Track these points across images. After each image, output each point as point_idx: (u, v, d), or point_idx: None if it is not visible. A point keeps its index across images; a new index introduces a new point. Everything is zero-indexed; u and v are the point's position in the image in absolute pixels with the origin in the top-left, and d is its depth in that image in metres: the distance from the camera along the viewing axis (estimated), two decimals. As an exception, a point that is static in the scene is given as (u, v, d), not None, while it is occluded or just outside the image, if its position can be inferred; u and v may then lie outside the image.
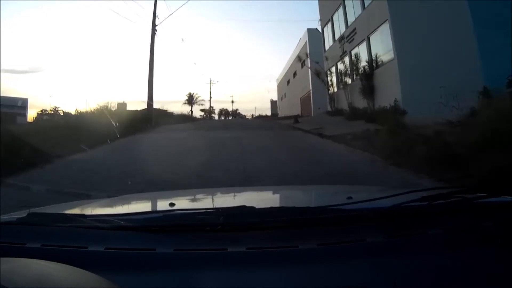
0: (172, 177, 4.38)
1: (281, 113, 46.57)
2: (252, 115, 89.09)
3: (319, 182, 4.11)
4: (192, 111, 65.61)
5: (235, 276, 0.70)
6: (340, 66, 18.08)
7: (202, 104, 64.18)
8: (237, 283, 0.69)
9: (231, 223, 0.83)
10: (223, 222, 0.81)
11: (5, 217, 0.95)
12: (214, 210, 0.98)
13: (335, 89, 19.34)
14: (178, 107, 65.95)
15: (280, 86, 49.05)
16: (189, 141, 8.97)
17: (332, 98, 19.08)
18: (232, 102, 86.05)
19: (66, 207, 1.21)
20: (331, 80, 19.66)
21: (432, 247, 0.78)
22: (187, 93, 66.09)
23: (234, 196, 1.65)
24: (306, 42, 26.97)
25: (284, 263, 0.73)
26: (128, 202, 1.46)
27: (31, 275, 0.59)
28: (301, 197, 1.59)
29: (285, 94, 44.38)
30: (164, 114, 22.48)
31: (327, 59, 20.07)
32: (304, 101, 29.90)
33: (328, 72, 20.12)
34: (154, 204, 1.42)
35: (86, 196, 3.06)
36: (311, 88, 25.99)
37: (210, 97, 61.23)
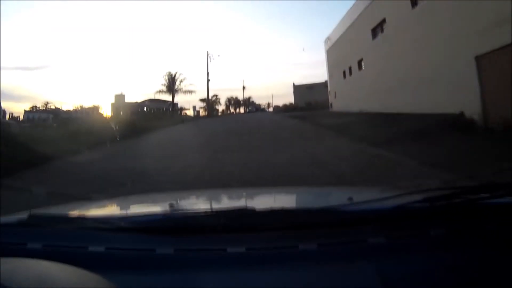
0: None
1: (338, 104, 23.97)
2: (269, 104, 66.80)
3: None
4: (174, 103, 43.08)
5: (235, 277, 0.70)
6: None
7: (191, 92, 41.69)
8: (236, 283, 0.69)
9: (231, 225, 0.83)
10: (223, 224, 0.81)
11: (5, 218, 0.93)
12: (214, 211, 0.94)
13: None
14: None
15: (336, 51, 24.12)
16: None
17: None
18: (244, 88, 64.02)
19: (66, 208, 1.21)
20: None
21: (434, 249, 0.77)
22: (166, 73, 41.29)
23: (235, 197, 1.60)
24: None
25: (284, 263, 0.72)
26: (128, 203, 1.46)
27: (32, 275, 0.60)
28: (302, 198, 1.55)
29: (361, 61, 18.78)
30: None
31: None
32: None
33: None
34: (154, 206, 1.39)
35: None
36: None
37: (208, 80, 38.48)
